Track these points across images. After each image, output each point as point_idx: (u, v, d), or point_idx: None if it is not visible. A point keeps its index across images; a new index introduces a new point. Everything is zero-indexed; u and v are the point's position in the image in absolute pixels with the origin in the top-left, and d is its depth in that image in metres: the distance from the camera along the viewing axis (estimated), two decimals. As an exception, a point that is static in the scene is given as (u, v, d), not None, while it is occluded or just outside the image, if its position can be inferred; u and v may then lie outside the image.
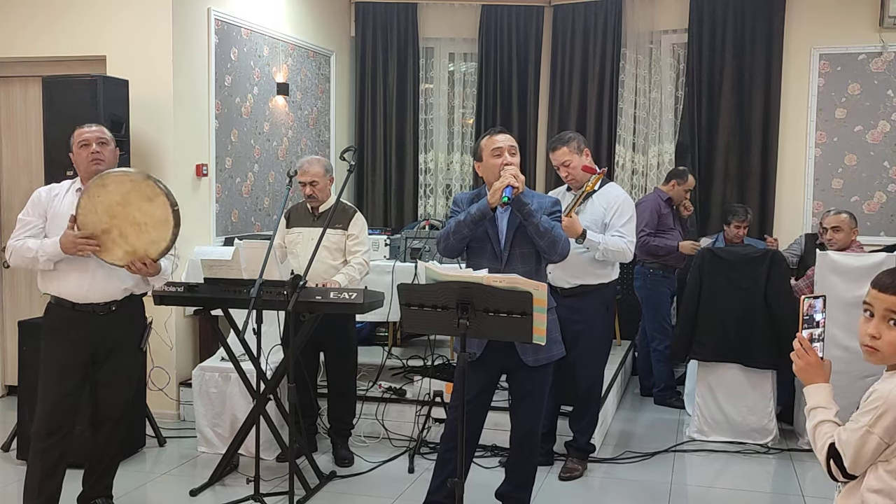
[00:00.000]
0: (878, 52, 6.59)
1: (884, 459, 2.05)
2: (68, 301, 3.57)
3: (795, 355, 2.24)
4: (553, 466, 4.60)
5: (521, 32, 7.49)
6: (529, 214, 3.40)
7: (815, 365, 2.22)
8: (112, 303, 3.63)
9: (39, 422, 3.57)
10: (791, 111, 6.82)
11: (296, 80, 6.77)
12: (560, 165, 4.41)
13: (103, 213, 3.48)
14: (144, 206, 3.52)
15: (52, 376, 3.56)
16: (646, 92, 7.22)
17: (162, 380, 5.32)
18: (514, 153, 3.53)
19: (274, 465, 4.63)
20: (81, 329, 3.58)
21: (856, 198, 6.71)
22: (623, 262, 4.41)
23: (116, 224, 3.50)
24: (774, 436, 5.08)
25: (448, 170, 7.83)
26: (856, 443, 2.05)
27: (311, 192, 4.63)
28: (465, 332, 2.97)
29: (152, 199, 3.52)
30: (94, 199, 3.47)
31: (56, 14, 5.39)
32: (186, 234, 5.38)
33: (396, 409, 5.09)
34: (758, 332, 4.98)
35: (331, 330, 4.51)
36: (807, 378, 2.23)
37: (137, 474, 4.53)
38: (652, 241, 5.84)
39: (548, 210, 3.53)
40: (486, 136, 3.61)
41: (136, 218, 3.52)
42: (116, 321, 3.66)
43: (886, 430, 2.01)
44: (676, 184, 6.08)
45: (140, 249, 3.53)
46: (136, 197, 3.51)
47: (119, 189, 3.49)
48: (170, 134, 5.31)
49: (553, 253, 3.45)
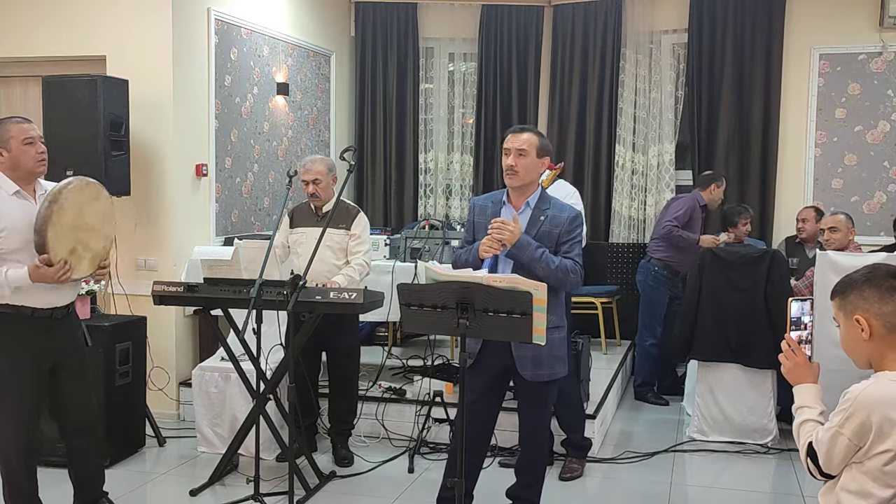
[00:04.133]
0: (878, 52, 6.59)
1: (858, 461, 2.06)
2: (28, 308, 3.42)
3: (784, 356, 2.28)
4: (553, 466, 4.59)
5: (521, 32, 7.49)
6: (530, 263, 3.33)
7: (803, 365, 2.26)
8: (70, 304, 3.60)
9: (10, 440, 3.41)
10: (791, 111, 6.82)
11: (296, 80, 6.77)
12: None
13: (68, 235, 3.41)
14: (94, 208, 3.52)
15: (16, 391, 3.41)
16: (646, 92, 7.22)
17: (162, 380, 5.32)
18: (524, 154, 3.44)
19: (274, 465, 4.63)
20: (40, 335, 3.46)
21: (856, 198, 6.70)
22: None
23: (79, 238, 3.45)
24: (774, 436, 5.08)
25: (448, 170, 7.82)
26: (827, 442, 2.07)
27: (314, 190, 4.62)
28: (464, 332, 2.97)
29: (97, 197, 3.55)
30: (58, 229, 3.36)
31: (56, 14, 5.39)
32: (186, 233, 5.44)
33: (396, 408, 5.09)
34: (758, 332, 4.98)
35: (334, 330, 4.50)
36: (795, 378, 2.27)
37: (137, 474, 4.53)
38: (676, 231, 5.86)
39: (564, 229, 3.43)
40: (507, 132, 3.56)
41: (90, 223, 3.50)
42: (73, 323, 3.63)
43: (855, 431, 2.02)
44: (716, 187, 6.06)
45: (100, 250, 3.54)
46: (86, 203, 3.49)
47: (73, 203, 3.43)
48: (169, 134, 5.30)
49: (562, 289, 3.44)
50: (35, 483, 3.56)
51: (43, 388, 3.51)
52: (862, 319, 2.09)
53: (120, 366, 4.69)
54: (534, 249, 3.34)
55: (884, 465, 2.01)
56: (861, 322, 2.09)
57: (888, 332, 2.08)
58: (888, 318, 2.07)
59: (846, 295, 2.14)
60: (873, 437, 2.01)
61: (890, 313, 2.07)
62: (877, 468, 2.02)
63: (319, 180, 4.62)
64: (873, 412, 2.00)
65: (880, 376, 2.08)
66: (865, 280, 2.11)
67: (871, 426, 2.00)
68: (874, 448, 2.02)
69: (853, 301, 2.12)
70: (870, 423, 2.00)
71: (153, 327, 5.10)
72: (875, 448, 2.02)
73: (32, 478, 3.54)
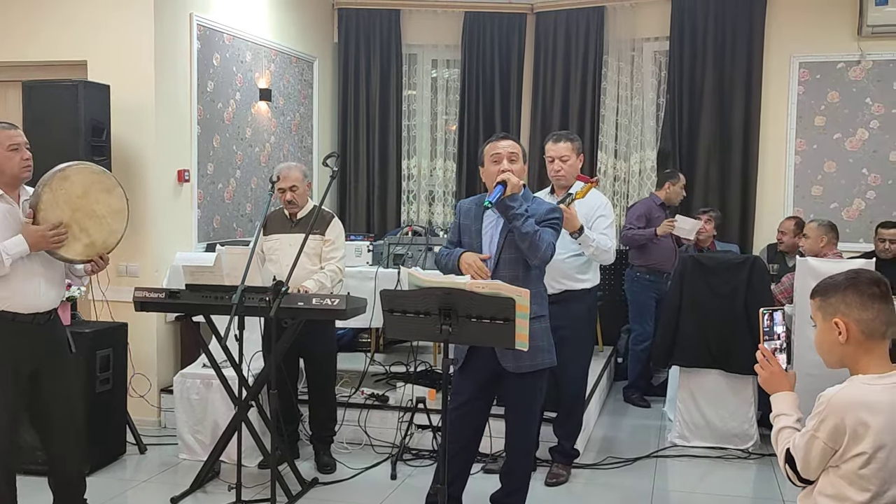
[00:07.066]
0: (857, 60, 6.66)
1: (834, 465, 2.08)
2: (10, 312, 3.38)
3: (759, 367, 2.32)
4: (536, 472, 4.60)
5: (504, 39, 7.52)
6: (514, 217, 3.41)
7: (778, 374, 2.30)
8: (53, 310, 3.56)
9: None
10: (771, 119, 6.88)
11: (278, 86, 6.76)
12: (557, 158, 4.40)
13: (65, 206, 3.41)
14: (103, 198, 3.51)
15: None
16: (628, 99, 7.27)
17: (143, 386, 5.29)
18: (515, 159, 3.55)
19: (256, 471, 4.61)
20: (23, 340, 3.42)
21: (835, 204, 6.76)
22: (606, 263, 4.44)
23: (77, 218, 3.44)
24: (755, 441, 5.11)
25: (431, 176, 7.84)
26: (804, 447, 2.10)
27: (291, 197, 4.63)
28: (447, 338, 2.97)
29: (111, 190, 3.55)
30: (56, 193, 3.38)
31: (37, 19, 5.35)
32: (168, 239, 5.42)
33: (379, 415, 5.08)
34: (738, 338, 5.00)
35: (310, 336, 4.49)
36: (771, 387, 2.30)
37: (117, 482, 4.49)
38: (630, 232, 6.07)
39: (542, 216, 3.52)
40: (489, 141, 3.65)
41: (96, 210, 3.49)
42: (56, 329, 3.59)
43: (830, 434, 2.05)
44: (671, 185, 6.26)
45: (99, 242, 3.52)
46: (96, 189, 3.50)
47: (81, 181, 3.45)
48: (151, 139, 5.28)
49: (534, 256, 3.45)
50: (14, 490, 3.52)
51: (22, 394, 3.46)
52: (841, 323, 2.11)
53: (100, 373, 4.66)
54: (523, 208, 3.44)
55: (859, 468, 2.03)
56: (840, 325, 2.12)
57: (865, 338, 2.10)
58: (867, 324, 2.10)
59: (827, 297, 2.16)
60: (847, 439, 2.03)
61: (869, 320, 2.10)
62: (853, 471, 2.04)
63: (296, 187, 4.63)
64: (847, 415, 2.02)
65: (854, 379, 2.11)
66: (849, 285, 2.13)
67: (846, 429, 2.02)
68: (849, 451, 2.04)
69: (834, 304, 2.14)
70: (843, 425, 2.02)
71: (134, 334, 5.07)
72: (850, 451, 2.04)
73: (11, 485, 3.50)
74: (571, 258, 4.33)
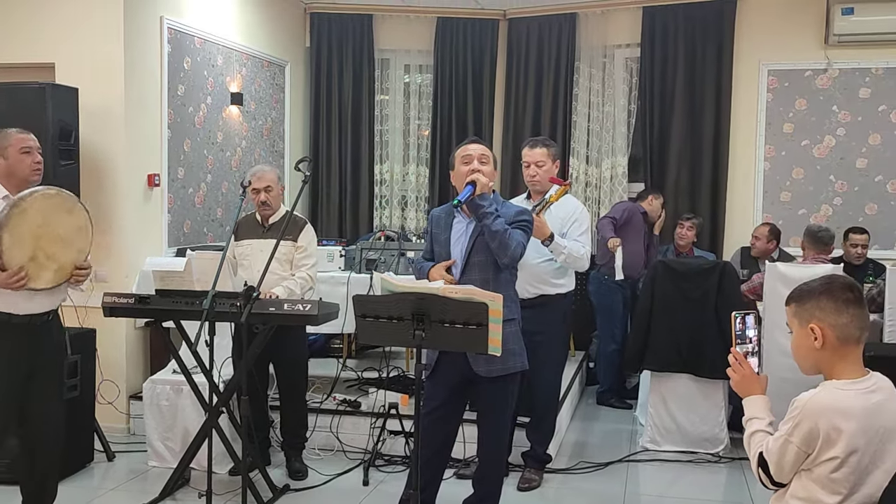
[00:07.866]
0: (824, 68, 6.75)
1: (807, 468, 2.10)
2: (5, 314, 3.40)
3: (731, 370, 2.34)
4: (509, 477, 4.59)
5: (477, 45, 7.54)
6: (484, 216, 3.42)
7: (750, 378, 2.32)
8: (50, 312, 3.55)
9: None
10: (741, 125, 6.96)
11: (250, 90, 6.72)
12: (533, 164, 4.43)
13: (28, 240, 3.34)
14: (64, 219, 3.46)
15: None
16: (599, 105, 7.31)
17: (111, 393, 5.22)
18: (486, 162, 3.58)
19: (226, 479, 4.57)
20: (19, 341, 3.42)
21: (803, 210, 6.85)
22: (580, 270, 4.45)
23: (41, 246, 3.38)
24: (726, 445, 5.15)
25: (403, 181, 7.83)
26: (777, 451, 2.12)
27: (265, 198, 4.60)
28: (420, 343, 2.97)
29: (71, 210, 3.49)
30: (16, 231, 3.30)
31: (2, 20, 5.28)
32: (138, 244, 5.36)
33: (351, 421, 5.05)
34: (709, 342, 5.04)
35: (280, 341, 4.46)
36: (743, 391, 2.32)
37: (85, 490, 4.43)
38: (603, 220, 6.10)
39: (512, 218, 3.52)
40: (460, 145, 3.70)
41: (60, 233, 3.44)
42: (52, 330, 3.57)
43: (803, 438, 2.07)
44: (653, 199, 6.45)
45: (68, 265, 3.48)
46: (56, 212, 3.43)
47: (39, 208, 3.37)
48: (121, 143, 5.23)
49: (504, 255, 3.45)
50: None
51: (17, 394, 3.46)
52: (817, 328, 2.14)
53: (68, 379, 4.58)
54: (493, 207, 3.46)
55: (831, 472, 2.05)
56: (815, 331, 2.14)
57: (840, 343, 2.13)
58: (842, 329, 2.12)
59: (803, 303, 2.18)
60: (821, 443, 2.05)
61: (844, 325, 2.12)
62: (825, 475, 2.06)
63: (271, 188, 4.62)
64: (820, 419, 2.04)
65: (828, 384, 2.13)
66: (823, 290, 2.16)
67: (819, 433, 2.04)
68: (822, 455, 2.06)
69: (809, 310, 2.16)
70: (817, 430, 2.04)
71: (103, 339, 5.00)
72: (823, 455, 2.06)
73: None
74: (546, 263, 4.34)
